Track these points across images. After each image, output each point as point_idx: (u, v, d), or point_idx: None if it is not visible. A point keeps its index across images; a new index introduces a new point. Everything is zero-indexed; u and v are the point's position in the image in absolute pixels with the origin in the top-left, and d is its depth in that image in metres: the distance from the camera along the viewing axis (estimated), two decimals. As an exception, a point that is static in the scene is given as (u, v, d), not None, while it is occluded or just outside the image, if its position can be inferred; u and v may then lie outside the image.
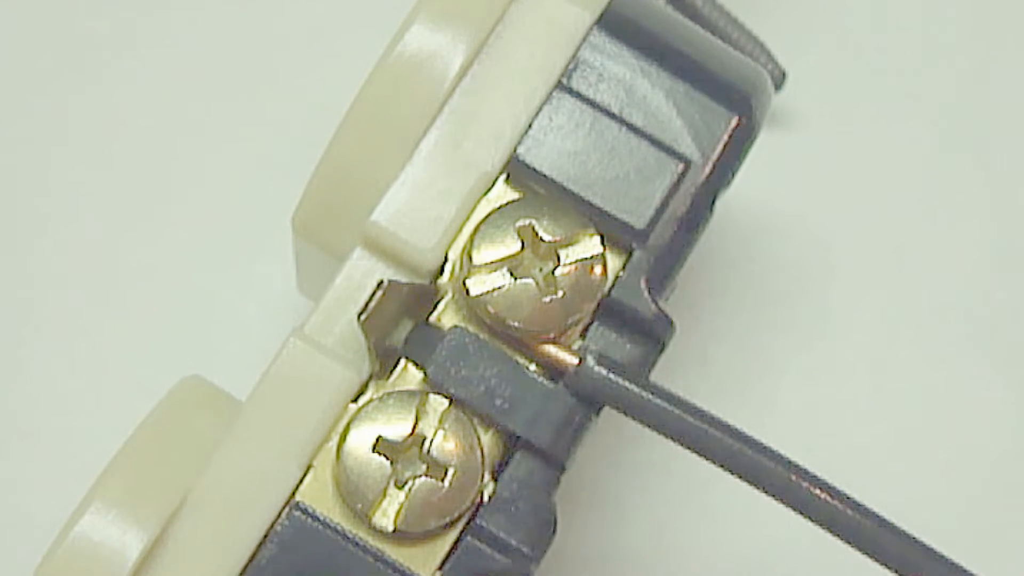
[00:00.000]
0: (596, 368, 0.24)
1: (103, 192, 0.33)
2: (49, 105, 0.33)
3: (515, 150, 0.25)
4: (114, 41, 0.34)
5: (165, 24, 0.34)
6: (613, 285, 0.25)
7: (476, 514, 0.24)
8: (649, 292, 0.24)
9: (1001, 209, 0.33)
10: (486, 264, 0.24)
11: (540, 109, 0.25)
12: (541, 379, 0.24)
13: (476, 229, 0.24)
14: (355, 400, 0.24)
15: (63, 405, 0.32)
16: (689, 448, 0.24)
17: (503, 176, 0.25)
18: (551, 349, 0.24)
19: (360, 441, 0.23)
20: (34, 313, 0.32)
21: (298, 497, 0.23)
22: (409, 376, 0.24)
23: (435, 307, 0.24)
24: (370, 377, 0.24)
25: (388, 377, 0.24)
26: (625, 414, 0.24)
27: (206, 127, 0.33)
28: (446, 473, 0.23)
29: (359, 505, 0.23)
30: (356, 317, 0.24)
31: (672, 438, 0.24)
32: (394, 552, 0.23)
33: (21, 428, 0.32)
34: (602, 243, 0.24)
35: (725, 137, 0.25)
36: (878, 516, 0.23)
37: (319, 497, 0.24)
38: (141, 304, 0.32)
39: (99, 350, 0.32)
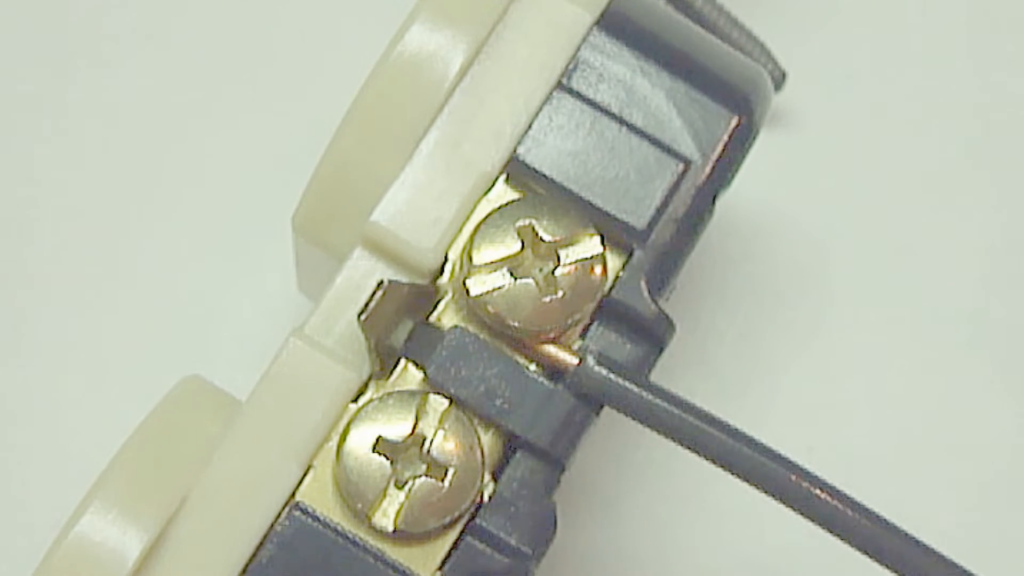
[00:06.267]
0: (596, 368, 0.24)
1: (102, 192, 0.33)
2: (48, 104, 0.33)
3: (515, 150, 0.25)
4: (112, 39, 0.34)
5: (165, 22, 0.34)
6: (613, 285, 0.25)
7: (476, 514, 0.24)
8: (649, 292, 0.24)
9: (1002, 209, 0.33)
10: (486, 264, 0.24)
11: (540, 109, 0.25)
12: (541, 379, 0.24)
13: (476, 229, 0.24)
14: (355, 400, 0.24)
15: (63, 405, 0.32)
16: (689, 448, 0.24)
17: (503, 176, 0.25)
18: (551, 349, 0.24)
19: (360, 441, 0.23)
20: (33, 313, 0.32)
21: (298, 497, 0.23)
22: (409, 376, 0.24)
23: (435, 307, 0.24)
24: (370, 377, 0.24)
25: (388, 377, 0.24)
26: (625, 414, 0.24)
27: (205, 127, 0.33)
28: (446, 473, 0.23)
29: (359, 505, 0.23)
30: (356, 317, 0.24)
31: (672, 438, 0.24)
32: (394, 552, 0.23)
33: (21, 428, 0.32)
34: (602, 243, 0.24)
35: (725, 137, 0.25)
36: (878, 516, 0.23)
37: (319, 497, 0.24)
38: (141, 304, 0.32)
39: (99, 350, 0.32)
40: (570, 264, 0.24)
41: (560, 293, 0.24)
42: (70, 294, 0.32)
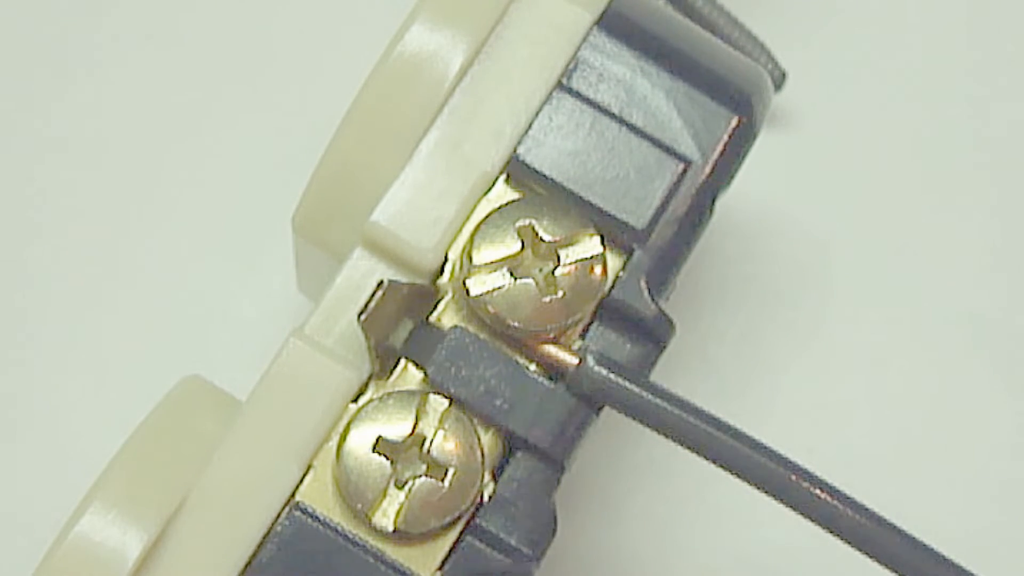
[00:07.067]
0: (596, 368, 0.24)
1: (102, 192, 0.33)
2: (48, 104, 0.33)
3: (515, 150, 0.25)
4: (111, 39, 0.34)
5: (165, 22, 0.34)
6: (613, 285, 0.25)
7: (476, 514, 0.24)
8: (649, 292, 0.24)
9: (1002, 209, 0.33)
10: (486, 264, 0.24)
11: (540, 109, 0.25)
12: (541, 379, 0.24)
13: (476, 229, 0.24)
14: (355, 400, 0.24)
15: (63, 406, 0.32)
16: (689, 448, 0.24)
17: (503, 176, 0.25)
18: (551, 349, 0.24)
19: (360, 441, 0.23)
20: (33, 313, 0.32)
21: (298, 497, 0.23)
22: (409, 376, 0.24)
23: (435, 307, 0.24)
24: (370, 377, 0.24)
25: (388, 377, 0.24)
26: (625, 414, 0.24)
27: (205, 127, 0.33)
28: (446, 473, 0.23)
29: (359, 505, 0.23)
30: (356, 317, 0.24)
31: (672, 438, 0.24)
32: (394, 552, 0.23)
33: (21, 428, 0.32)
34: (602, 243, 0.24)
35: (725, 137, 0.25)
36: (878, 516, 0.23)
37: (319, 497, 0.24)
38: (141, 304, 0.32)
39: (99, 350, 0.32)
40: (570, 264, 0.24)
41: (560, 293, 0.24)
42: (70, 294, 0.32)
